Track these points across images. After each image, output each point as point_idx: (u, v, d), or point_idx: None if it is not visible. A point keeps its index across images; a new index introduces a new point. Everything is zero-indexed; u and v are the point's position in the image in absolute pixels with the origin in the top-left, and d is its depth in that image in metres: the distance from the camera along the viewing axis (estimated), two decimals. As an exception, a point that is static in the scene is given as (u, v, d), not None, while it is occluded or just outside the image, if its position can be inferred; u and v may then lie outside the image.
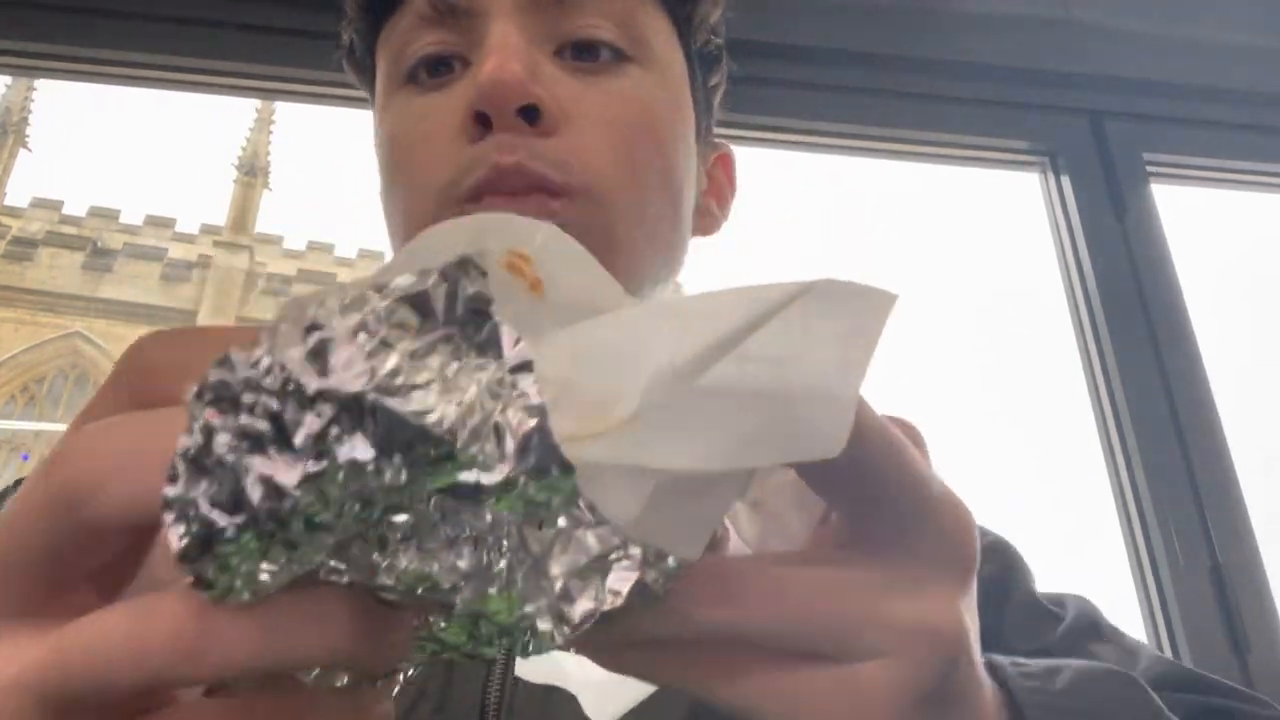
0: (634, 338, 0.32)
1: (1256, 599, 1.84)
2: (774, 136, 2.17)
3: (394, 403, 0.27)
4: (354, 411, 0.27)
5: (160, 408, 0.31)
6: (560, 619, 0.31)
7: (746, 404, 0.32)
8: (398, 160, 0.76)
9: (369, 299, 0.28)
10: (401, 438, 0.27)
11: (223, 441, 0.27)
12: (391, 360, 0.28)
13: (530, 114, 0.68)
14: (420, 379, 0.28)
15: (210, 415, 0.27)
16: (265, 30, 2.01)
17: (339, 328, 0.28)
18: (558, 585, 0.31)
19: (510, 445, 0.28)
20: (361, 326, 0.28)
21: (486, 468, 0.28)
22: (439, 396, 0.28)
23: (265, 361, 0.27)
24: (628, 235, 0.72)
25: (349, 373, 0.27)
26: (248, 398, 0.27)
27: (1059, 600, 0.86)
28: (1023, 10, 2.22)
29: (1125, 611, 1.90)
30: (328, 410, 0.27)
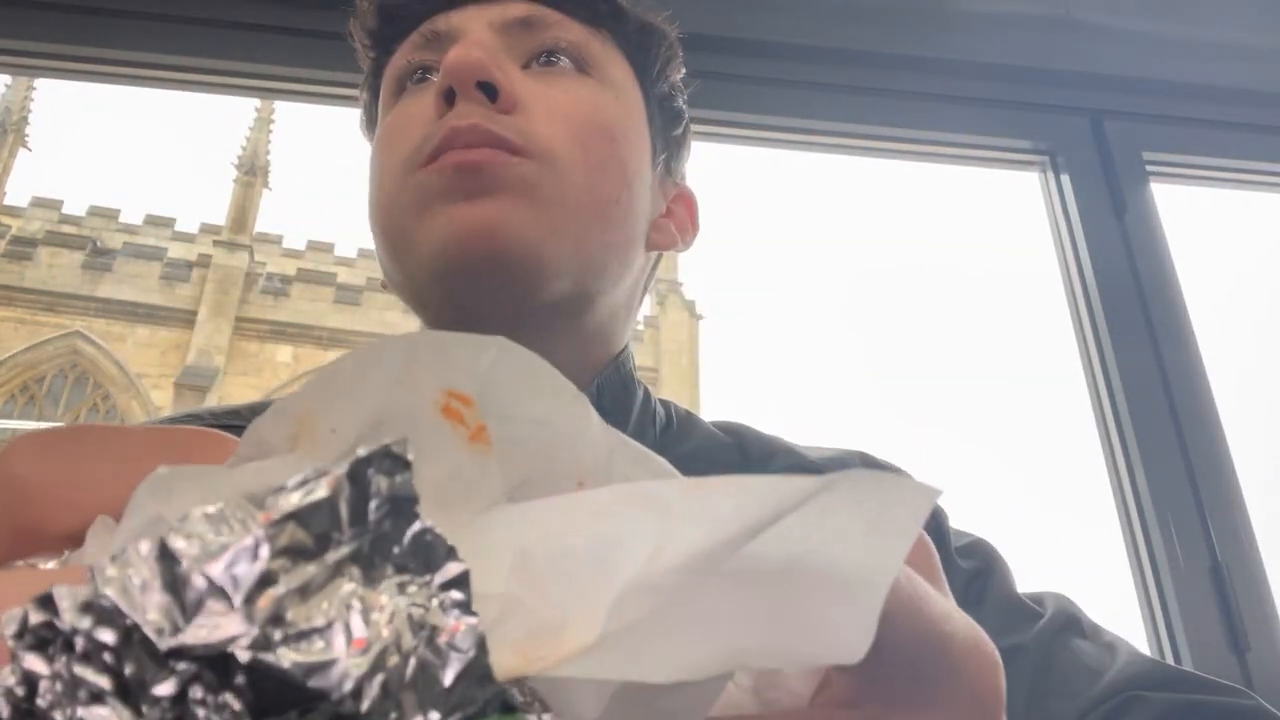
0: (602, 540, 0.26)
1: (1256, 599, 1.84)
2: (774, 135, 2.16)
3: (276, 657, 0.21)
4: (221, 671, 0.21)
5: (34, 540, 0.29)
6: None
7: (743, 608, 0.26)
8: (379, 150, 0.85)
9: (246, 516, 0.22)
10: (287, 700, 0.21)
11: (48, 695, 0.21)
12: (275, 597, 0.21)
13: (489, 90, 0.77)
14: (316, 620, 0.22)
15: (32, 662, 0.22)
16: (265, 29, 2.01)
17: (202, 557, 0.21)
18: None
19: (437, 690, 0.22)
20: (235, 557, 0.21)
21: None
22: (342, 641, 0.22)
23: (103, 603, 0.21)
24: (578, 203, 0.78)
25: (215, 620, 0.21)
26: (81, 644, 0.21)
27: (1038, 598, 0.87)
28: (1023, 10, 2.22)
29: (1125, 611, 1.90)
30: (186, 669, 0.21)
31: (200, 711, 0.20)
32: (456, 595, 0.23)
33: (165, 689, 0.20)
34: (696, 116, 0.96)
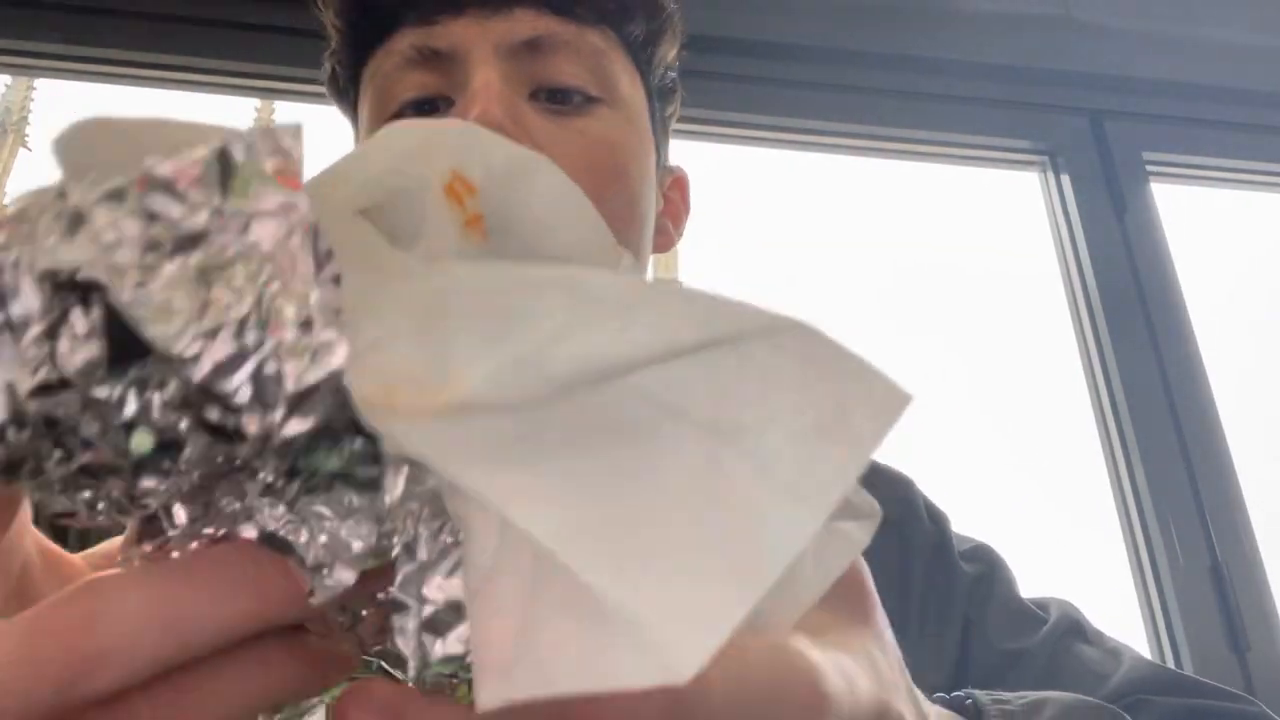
0: (512, 307, 0.23)
1: (1256, 599, 1.84)
2: (774, 136, 2.16)
3: (127, 298, 0.21)
4: (82, 296, 0.22)
5: None
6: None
7: (630, 462, 0.22)
8: None
9: (129, 189, 0.22)
10: (135, 350, 0.22)
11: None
12: (145, 245, 0.22)
13: None
14: (164, 279, 0.22)
15: None
16: (265, 30, 2.00)
17: (93, 209, 0.22)
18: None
19: (285, 389, 0.22)
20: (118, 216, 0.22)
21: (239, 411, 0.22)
22: (194, 307, 0.22)
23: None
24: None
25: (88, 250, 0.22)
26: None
27: (1042, 604, 0.88)
28: (1023, 10, 2.22)
29: (1125, 611, 1.90)
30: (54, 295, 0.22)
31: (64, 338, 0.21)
32: (329, 302, 0.23)
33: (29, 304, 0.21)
34: (693, 117, 0.95)
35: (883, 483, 0.94)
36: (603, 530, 0.21)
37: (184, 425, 0.23)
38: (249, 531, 0.25)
